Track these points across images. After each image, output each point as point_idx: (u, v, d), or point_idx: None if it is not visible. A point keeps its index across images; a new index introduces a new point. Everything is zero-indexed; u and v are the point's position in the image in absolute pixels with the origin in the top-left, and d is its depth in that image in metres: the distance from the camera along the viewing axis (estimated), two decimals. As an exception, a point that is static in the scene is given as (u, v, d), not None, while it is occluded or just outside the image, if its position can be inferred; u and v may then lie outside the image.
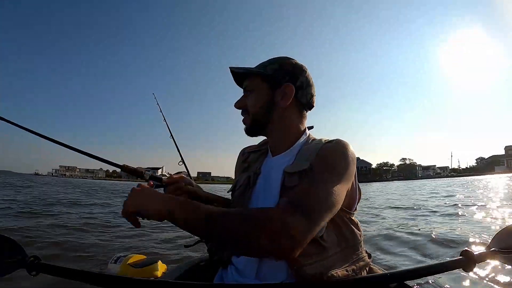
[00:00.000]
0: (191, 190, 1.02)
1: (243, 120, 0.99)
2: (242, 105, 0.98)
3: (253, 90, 0.96)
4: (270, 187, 0.92)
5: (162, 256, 3.00)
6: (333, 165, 0.82)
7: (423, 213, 7.07)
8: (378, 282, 0.76)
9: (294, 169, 0.87)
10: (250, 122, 0.97)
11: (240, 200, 0.98)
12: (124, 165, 1.04)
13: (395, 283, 0.84)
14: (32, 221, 5.41)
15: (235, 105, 1.00)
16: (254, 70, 0.97)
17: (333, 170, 0.81)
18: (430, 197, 11.87)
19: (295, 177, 0.85)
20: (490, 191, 13.56)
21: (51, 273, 0.74)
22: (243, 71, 0.97)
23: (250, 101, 0.97)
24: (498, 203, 8.34)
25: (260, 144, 1.12)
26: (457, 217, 5.91)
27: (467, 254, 0.80)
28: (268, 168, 0.98)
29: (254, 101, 0.96)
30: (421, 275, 0.79)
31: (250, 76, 0.98)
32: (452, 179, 45.06)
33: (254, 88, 0.96)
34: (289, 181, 0.86)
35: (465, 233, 4.00)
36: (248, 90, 0.98)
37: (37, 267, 0.75)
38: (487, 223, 5.14)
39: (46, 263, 0.76)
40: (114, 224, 5.61)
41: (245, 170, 1.06)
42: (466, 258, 0.80)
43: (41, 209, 7.20)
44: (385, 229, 4.75)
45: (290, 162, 0.91)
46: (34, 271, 0.75)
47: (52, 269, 0.75)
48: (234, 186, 1.06)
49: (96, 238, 4.10)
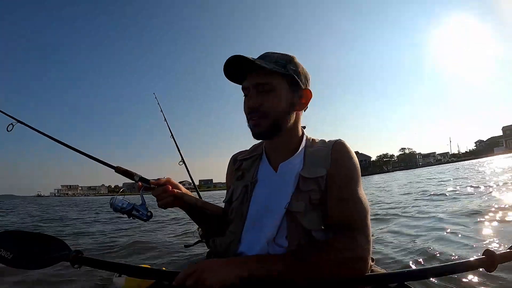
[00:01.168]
0: (177, 195, 0.97)
1: (255, 122, 0.90)
2: (259, 104, 0.89)
3: (273, 90, 0.89)
4: (276, 194, 0.92)
5: (164, 264, 3.00)
6: (351, 172, 0.90)
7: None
8: (379, 282, 0.80)
9: (311, 174, 0.90)
10: (269, 125, 0.89)
11: (239, 210, 0.97)
12: (118, 166, 1.03)
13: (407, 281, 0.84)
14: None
15: (251, 104, 0.89)
16: (279, 69, 0.89)
17: (354, 178, 0.90)
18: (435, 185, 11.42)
19: (311, 182, 0.89)
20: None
21: (93, 266, 0.85)
22: (271, 68, 0.87)
23: (270, 101, 0.88)
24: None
25: (251, 150, 1.10)
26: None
27: (490, 254, 0.77)
28: (268, 175, 0.98)
29: (277, 102, 0.89)
30: (440, 273, 0.81)
31: (270, 73, 0.88)
32: (452, 165, 44.05)
33: (275, 87, 0.89)
34: (305, 185, 0.89)
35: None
36: (265, 89, 0.88)
37: (80, 260, 0.85)
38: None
39: (88, 257, 0.86)
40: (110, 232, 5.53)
41: (239, 179, 1.04)
42: (488, 257, 0.77)
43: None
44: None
45: (300, 166, 0.93)
46: (77, 264, 0.85)
47: (94, 262, 0.86)
48: (230, 196, 1.04)
49: (93, 248, 4.00)
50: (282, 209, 0.88)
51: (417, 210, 5.54)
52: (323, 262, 0.77)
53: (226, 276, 0.73)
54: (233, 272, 0.74)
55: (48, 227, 7.10)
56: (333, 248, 0.79)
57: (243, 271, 0.75)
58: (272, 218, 0.89)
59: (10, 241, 0.92)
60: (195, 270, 0.74)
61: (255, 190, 0.97)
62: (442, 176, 15.88)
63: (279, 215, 0.88)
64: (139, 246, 3.86)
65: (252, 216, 0.94)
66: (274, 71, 0.87)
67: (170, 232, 4.77)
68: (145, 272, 0.86)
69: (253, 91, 0.89)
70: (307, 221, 0.86)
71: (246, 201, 0.96)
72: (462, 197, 6.60)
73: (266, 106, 0.88)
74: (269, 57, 0.91)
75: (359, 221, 0.84)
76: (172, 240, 4.10)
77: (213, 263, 0.77)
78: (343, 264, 0.78)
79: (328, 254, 0.78)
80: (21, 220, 9.15)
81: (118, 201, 0.94)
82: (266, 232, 0.89)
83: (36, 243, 0.91)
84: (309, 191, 0.88)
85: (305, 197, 0.88)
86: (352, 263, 0.78)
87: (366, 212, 0.86)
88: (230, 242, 0.94)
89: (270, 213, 0.90)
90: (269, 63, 0.88)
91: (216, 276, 0.73)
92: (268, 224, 0.89)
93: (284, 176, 0.94)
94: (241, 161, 1.07)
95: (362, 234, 0.82)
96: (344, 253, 0.78)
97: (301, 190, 0.89)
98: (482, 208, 4.64)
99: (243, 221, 0.95)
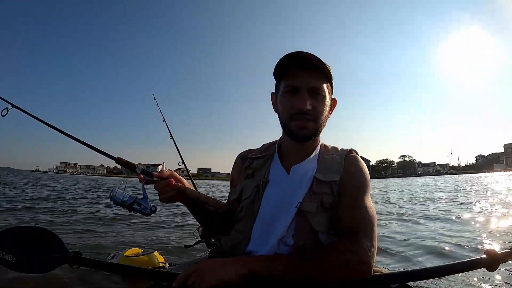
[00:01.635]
0: (180, 188, 0.96)
1: (302, 124, 0.90)
2: (312, 108, 0.89)
3: (323, 95, 0.91)
4: (288, 194, 0.92)
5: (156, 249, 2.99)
6: (363, 183, 0.93)
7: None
8: (380, 282, 0.80)
9: (326, 178, 0.92)
10: (315, 128, 0.92)
11: (249, 209, 0.96)
12: (119, 157, 1.02)
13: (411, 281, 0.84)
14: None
15: (306, 106, 0.88)
16: (331, 76, 0.92)
17: (365, 188, 0.93)
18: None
19: (325, 185, 0.91)
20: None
21: (92, 267, 0.83)
22: (328, 73, 0.91)
23: (321, 106, 0.91)
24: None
25: (262, 150, 1.09)
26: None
27: (491, 253, 0.78)
28: (280, 176, 0.97)
29: (324, 107, 0.92)
30: (442, 273, 0.82)
31: (322, 77, 0.91)
32: (449, 177, 44.20)
33: (325, 92, 0.92)
34: (318, 187, 0.91)
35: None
36: (317, 92, 0.90)
37: (78, 261, 0.83)
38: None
39: (87, 257, 0.84)
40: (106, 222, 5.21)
41: (249, 177, 1.03)
42: (490, 257, 0.77)
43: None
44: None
45: (314, 169, 0.95)
46: (76, 265, 0.84)
47: (93, 263, 0.84)
48: (239, 194, 1.02)
49: (88, 240, 3.85)
50: (294, 208, 0.89)
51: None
52: (325, 263, 0.78)
53: (228, 275, 0.73)
54: (235, 271, 0.74)
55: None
56: (335, 250, 0.80)
57: (245, 270, 0.74)
58: (283, 217, 0.89)
59: (11, 241, 0.90)
60: (196, 270, 0.74)
61: (266, 190, 0.96)
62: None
63: (291, 214, 0.89)
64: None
65: (263, 216, 0.93)
66: (328, 77, 0.91)
67: (169, 232, 4.75)
68: (145, 273, 0.84)
69: (305, 92, 0.88)
70: (316, 222, 0.87)
71: (258, 200, 0.95)
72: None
73: (317, 110, 0.89)
74: (318, 60, 0.88)
75: (365, 228, 0.84)
76: (172, 240, 4.09)
77: (215, 262, 0.77)
78: (345, 266, 0.78)
79: (330, 255, 0.79)
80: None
81: (118, 194, 0.89)
82: (277, 232, 0.89)
83: (36, 243, 0.89)
84: (322, 193, 0.90)
85: (318, 199, 0.89)
86: (354, 265, 0.78)
87: (374, 220, 0.87)
88: (240, 241, 0.93)
89: (282, 212, 0.90)
90: (327, 70, 0.90)
91: (217, 275, 0.72)
92: (279, 224, 0.89)
93: (297, 177, 0.94)
94: (252, 160, 1.05)
95: (367, 239, 0.82)
96: (346, 255, 0.78)
97: (314, 192, 0.90)
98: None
99: (253, 220, 0.94)
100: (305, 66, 0.88)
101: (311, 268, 0.78)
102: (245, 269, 0.74)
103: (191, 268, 0.75)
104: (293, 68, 0.89)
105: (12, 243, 0.90)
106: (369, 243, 0.82)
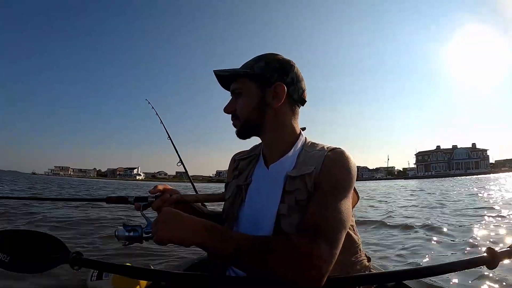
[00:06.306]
0: (178, 199, 0.87)
1: (233, 124, 0.85)
2: (232, 109, 0.84)
3: (241, 93, 0.82)
4: (268, 196, 0.79)
5: (162, 264, 2.67)
6: (340, 182, 0.74)
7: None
8: (376, 280, 0.70)
9: (297, 172, 0.77)
10: (240, 126, 0.83)
11: (230, 211, 0.86)
12: (107, 196, 0.94)
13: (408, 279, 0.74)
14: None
15: (225, 110, 0.85)
16: (240, 70, 0.82)
17: (341, 188, 0.74)
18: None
19: (297, 181, 0.76)
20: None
21: (93, 267, 0.73)
22: (229, 73, 0.83)
23: (239, 104, 0.82)
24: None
25: (249, 150, 0.97)
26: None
27: (491, 251, 0.70)
28: (262, 177, 0.85)
29: (244, 104, 0.82)
30: (440, 272, 0.70)
31: (237, 77, 0.83)
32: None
33: (242, 90, 0.82)
34: (291, 185, 0.76)
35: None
36: (236, 93, 0.83)
37: (79, 262, 0.72)
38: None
39: (88, 258, 0.74)
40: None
41: (235, 178, 0.91)
42: (490, 255, 0.69)
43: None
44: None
45: (291, 167, 0.80)
46: (77, 266, 0.72)
47: (94, 264, 0.73)
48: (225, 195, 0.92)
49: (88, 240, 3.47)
50: (272, 212, 0.76)
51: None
52: (273, 257, 0.61)
53: (181, 236, 0.63)
54: (189, 237, 0.63)
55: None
56: (288, 245, 0.63)
57: (198, 240, 0.63)
58: (263, 220, 0.77)
59: (6, 242, 0.78)
60: (159, 220, 0.66)
61: (249, 192, 0.84)
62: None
63: (270, 218, 0.76)
64: (136, 246, 3.50)
65: (243, 218, 0.82)
66: (237, 74, 0.82)
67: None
68: (144, 273, 0.75)
69: (232, 97, 0.86)
70: (288, 224, 0.72)
71: (237, 203, 0.84)
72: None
73: (237, 109, 0.83)
74: (246, 62, 0.85)
75: (329, 231, 0.66)
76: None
77: (179, 218, 0.66)
78: (293, 266, 0.60)
79: (281, 250, 0.62)
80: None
81: (122, 232, 0.74)
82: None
83: (33, 244, 0.78)
84: (295, 190, 0.75)
85: (291, 198, 0.75)
86: (303, 267, 0.60)
87: (342, 225, 0.68)
88: None
89: (262, 215, 0.77)
90: (232, 70, 0.83)
91: (170, 231, 0.64)
92: (261, 227, 0.77)
93: (275, 177, 0.80)
94: (239, 161, 0.94)
95: (327, 244, 0.63)
96: (298, 254, 0.61)
97: (287, 190, 0.76)
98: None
99: (234, 222, 0.83)
100: (220, 80, 0.87)
101: (258, 258, 0.62)
102: (198, 239, 0.63)
103: (162, 214, 0.67)
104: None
105: (8, 243, 0.78)
106: (327, 248, 0.63)
